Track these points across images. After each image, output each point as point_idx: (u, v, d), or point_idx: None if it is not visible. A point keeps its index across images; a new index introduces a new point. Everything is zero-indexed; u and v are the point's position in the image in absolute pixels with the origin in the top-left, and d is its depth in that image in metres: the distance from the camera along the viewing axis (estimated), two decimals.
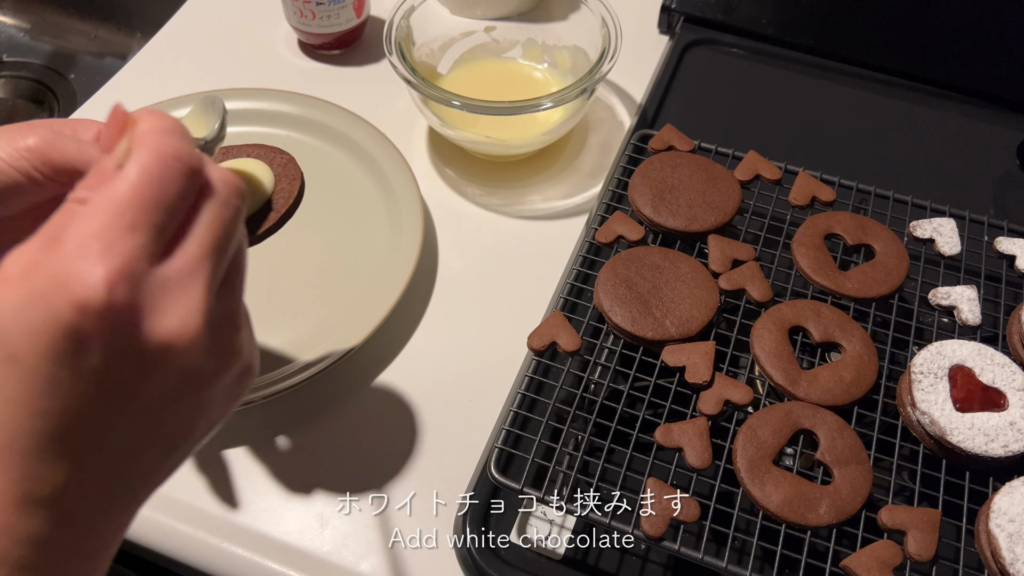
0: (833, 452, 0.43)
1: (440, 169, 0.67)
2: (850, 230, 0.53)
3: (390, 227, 0.60)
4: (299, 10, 0.70)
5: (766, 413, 0.44)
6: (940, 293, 0.51)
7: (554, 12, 0.70)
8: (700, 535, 0.42)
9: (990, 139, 0.69)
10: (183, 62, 0.74)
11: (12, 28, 0.91)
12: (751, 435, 0.43)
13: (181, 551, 0.48)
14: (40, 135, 0.33)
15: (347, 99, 0.68)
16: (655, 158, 0.57)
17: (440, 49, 0.70)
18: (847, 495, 0.41)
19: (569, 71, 0.69)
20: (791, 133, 0.69)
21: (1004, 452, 0.42)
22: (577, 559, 0.46)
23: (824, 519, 0.41)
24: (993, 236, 0.54)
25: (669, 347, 0.47)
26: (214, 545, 0.47)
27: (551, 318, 0.48)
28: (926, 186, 0.61)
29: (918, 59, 0.73)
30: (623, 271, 0.49)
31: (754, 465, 0.42)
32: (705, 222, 0.53)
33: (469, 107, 0.58)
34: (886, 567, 0.40)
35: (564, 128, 0.64)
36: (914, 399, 0.45)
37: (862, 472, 0.42)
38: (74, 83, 0.86)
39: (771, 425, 0.43)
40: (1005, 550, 0.40)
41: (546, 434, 0.45)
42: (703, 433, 0.43)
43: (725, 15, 0.76)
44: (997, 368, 0.45)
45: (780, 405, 0.45)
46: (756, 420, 0.44)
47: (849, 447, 0.43)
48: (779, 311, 0.48)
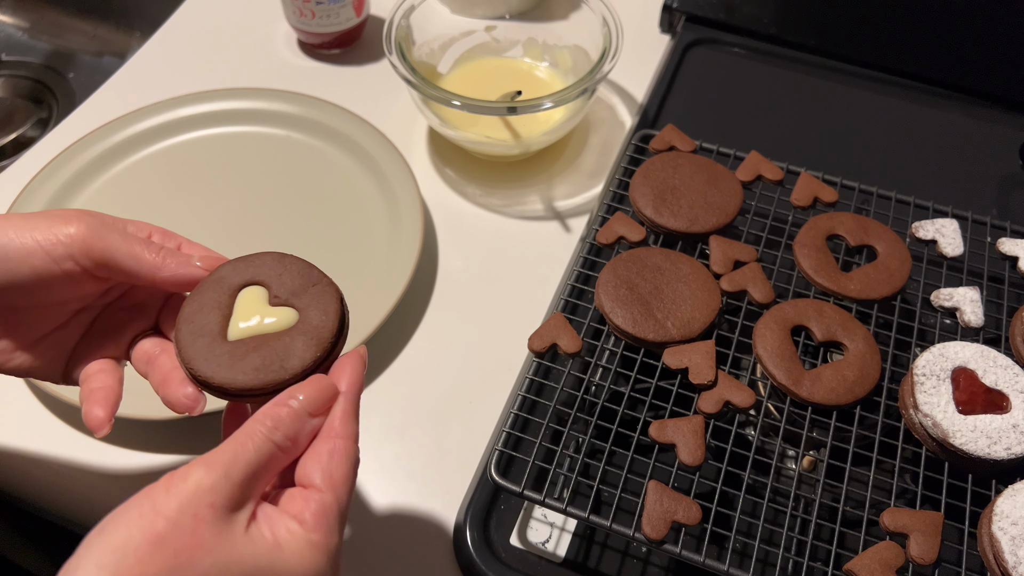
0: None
1: (440, 169, 0.67)
2: (852, 231, 0.53)
3: (390, 227, 0.60)
4: (299, 9, 0.70)
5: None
6: (943, 294, 0.51)
7: (555, 11, 0.70)
8: (701, 538, 0.41)
9: (993, 140, 0.68)
10: (182, 61, 0.74)
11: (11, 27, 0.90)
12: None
13: None
14: (85, 224, 0.33)
15: (347, 99, 0.67)
16: (656, 158, 0.56)
17: (440, 48, 0.70)
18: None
19: (570, 71, 0.69)
20: (793, 133, 0.69)
21: (1007, 455, 0.42)
22: (578, 562, 0.46)
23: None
24: (996, 237, 0.54)
25: (670, 349, 0.46)
26: None
27: (552, 319, 0.47)
28: (929, 187, 0.61)
29: (921, 59, 0.72)
30: (624, 272, 0.49)
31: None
32: (707, 223, 0.52)
33: (469, 107, 0.58)
34: (889, 569, 0.39)
35: (565, 128, 0.64)
36: (916, 401, 0.44)
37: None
38: (73, 82, 0.85)
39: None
40: (1008, 553, 0.39)
41: (547, 436, 0.45)
42: (698, 431, 0.43)
43: (727, 14, 0.76)
44: (1000, 370, 0.45)
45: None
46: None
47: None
48: (781, 310, 0.48)
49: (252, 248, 0.38)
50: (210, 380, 0.32)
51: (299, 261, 0.36)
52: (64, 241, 0.32)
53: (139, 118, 0.65)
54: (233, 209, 0.62)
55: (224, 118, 0.66)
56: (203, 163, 0.64)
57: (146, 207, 0.61)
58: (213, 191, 0.63)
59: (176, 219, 0.61)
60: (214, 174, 0.64)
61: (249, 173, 0.64)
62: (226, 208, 0.62)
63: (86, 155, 0.62)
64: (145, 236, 0.36)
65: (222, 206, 0.62)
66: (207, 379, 0.32)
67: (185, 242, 0.38)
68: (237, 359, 0.33)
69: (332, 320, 0.34)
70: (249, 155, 0.65)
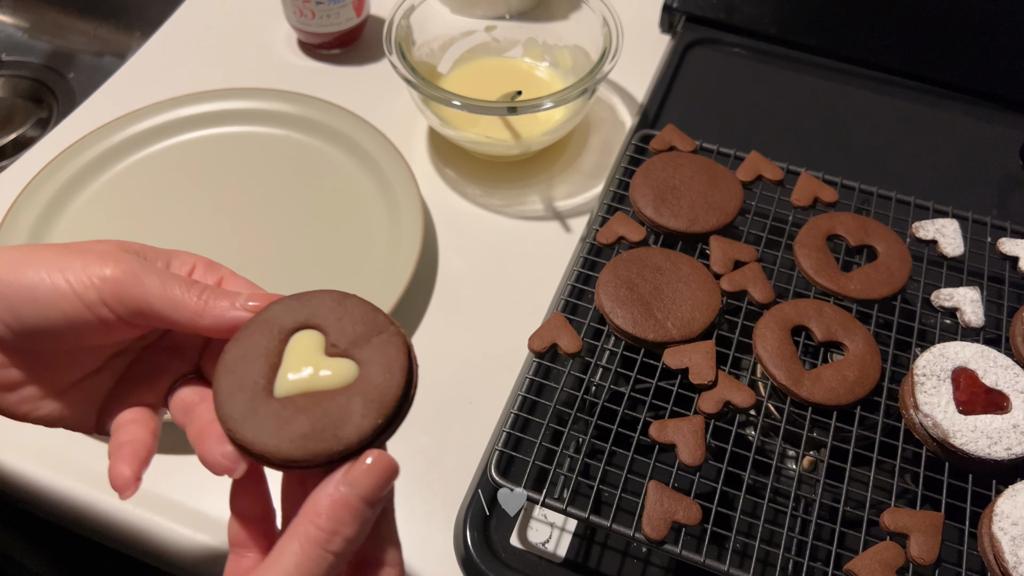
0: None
1: (440, 169, 0.67)
2: (852, 231, 0.53)
3: (390, 227, 0.60)
4: (299, 9, 0.70)
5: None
6: (943, 295, 0.51)
7: (555, 11, 0.70)
8: (702, 538, 0.41)
9: (993, 139, 0.68)
10: (182, 61, 0.74)
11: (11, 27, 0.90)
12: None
13: (180, 553, 0.48)
14: (122, 266, 0.29)
15: (347, 99, 0.67)
16: (656, 158, 0.56)
17: (440, 48, 0.69)
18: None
19: (570, 71, 0.69)
20: (793, 133, 0.69)
21: (1007, 455, 0.42)
22: (578, 562, 0.46)
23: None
24: (996, 237, 0.54)
25: (670, 349, 0.46)
26: (212, 548, 0.47)
27: (552, 320, 0.47)
28: (929, 187, 0.61)
29: (921, 59, 0.72)
30: (624, 272, 0.49)
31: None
32: (707, 223, 0.52)
33: (469, 107, 0.58)
34: (889, 570, 0.39)
35: (565, 128, 0.64)
36: (917, 401, 0.44)
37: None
38: (73, 82, 0.85)
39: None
40: (1008, 553, 0.39)
41: (547, 436, 0.44)
42: (698, 431, 0.43)
43: (727, 14, 0.75)
44: (1000, 370, 0.45)
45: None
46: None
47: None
48: (781, 310, 0.48)
49: (252, 249, 0.37)
50: (250, 447, 0.28)
51: (362, 303, 0.31)
52: (98, 285, 0.29)
53: (139, 118, 0.65)
54: (233, 209, 0.62)
55: (224, 118, 0.66)
56: (203, 163, 0.64)
57: (146, 207, 0.61)
58: (213, 191, 0.63)
59: (176, 219, 0.61)
60: (214, 174, 0.64)
61: (249, 173, 0.64)
62: (226, 208, 0.62)
63: (86, 155, 0.62)
64: (188, 271, 0.32)
65: (222, 206, 0.62)
66: (247, 445, 0.28)
67: (228, 274, 0.33)
68: (283, 422, 0.28)
69: (397, 380, 0.28)
70: (249, 155, 0.65)
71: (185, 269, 0.32)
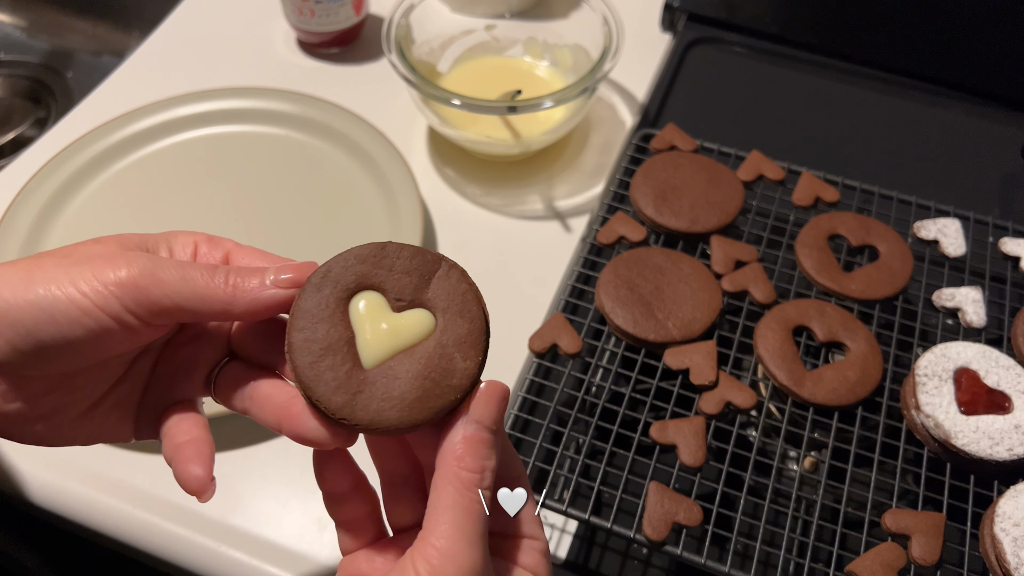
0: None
1: (440, 169, 0.67)
2: (854, 231, 0.52)
3: (389, 227, 0.59)
4: (298, 8, 0.70)
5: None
6: (945, 295, 0.51)
7: (555, 10, 0.70)
8: (702, 539, 0.41)
9: (995, 139, 0.68)
10: (181, 60, 0.74)
11: (9, 26, 0.90)
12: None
13: (179, 554, 0.47)
14: (136, 267, 0.27)
15: (346, 98, 0.67)
16: (657, 158, 0.56)
17: (440, 47, 0.69)
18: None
19: (570, 70, 0.69)
20: (794, 133, 0.69)
21: (1009, 455, 0.42)
22: (578, 563, 0.46)
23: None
24: (998, 237, 0.54)
25: (671, 349, 0.46)
26: (212, 548, 0.47)
27: (552, 320, 0.47)
28: (930, 186, 0.61)
29: (923, 58, 0.72)
30: (625, 272, 0.49)
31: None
32: (708, 223, 0.52)
33: (469, 106, 0.58)
34: (890, 570, 0.39)
35: (565, 127, 0.64)
36: (918, 402, 0.44)
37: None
38: (71, 81, 0.85)
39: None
40: (1010, 554, 0.39)
41: (547, 437, 0.44)
42: (699, 432, 0.43)
43: (728, 13, 0.75)
44: (1002, 371, 0.45)
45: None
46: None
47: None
48: (783, 310, 0.48)
49: (250, 247, 0.36)
50: (369, 426, 0.27)
51: (402, 247, 0.29)
52: (115, 292, 0.26)
53: (137, 117, 0.65)
54: (232, 208, 0.61)
55: (223, 117, 0.66)
56: (202, 162, 0.64)
57: (145, 207, 0.61)
58: (212, 190, 0.62)
59: (175, 219, 0.60)
60: (213, 173, 0.63)
61: (248, 172, 0.64)
62: (225, 207, 0.61)
63: (84, 154, 0.62)
64: (191, 252, 0.30)
65: (221, 205, 0.62)
66: (365, 426, 0.27)
67: (232, 246, 0.31)
68: (392, 392, 0.27)
69: (476, 311, 0.28)
70: (248, 155, 0.65)
71: (188, 251, 0.30)
